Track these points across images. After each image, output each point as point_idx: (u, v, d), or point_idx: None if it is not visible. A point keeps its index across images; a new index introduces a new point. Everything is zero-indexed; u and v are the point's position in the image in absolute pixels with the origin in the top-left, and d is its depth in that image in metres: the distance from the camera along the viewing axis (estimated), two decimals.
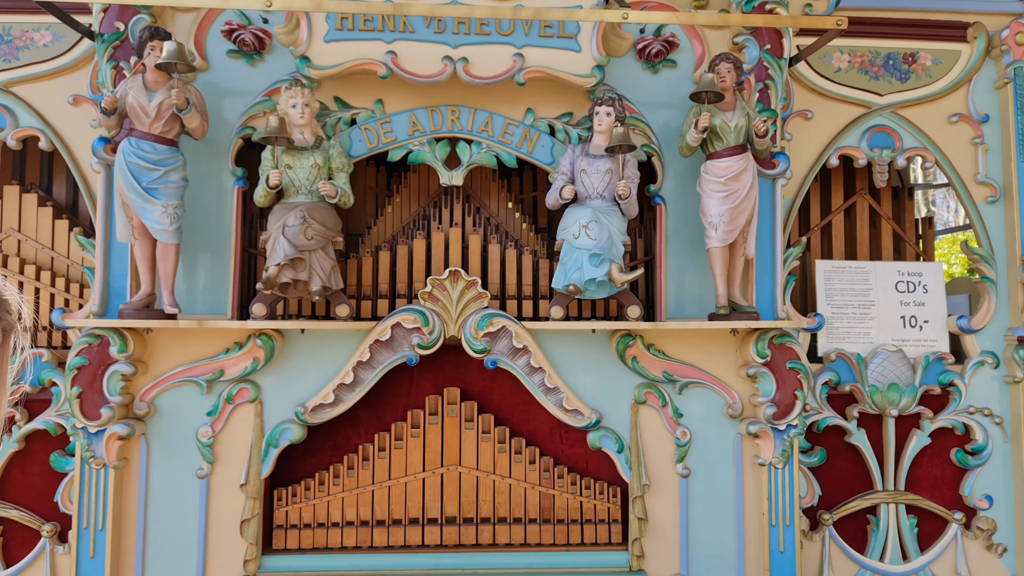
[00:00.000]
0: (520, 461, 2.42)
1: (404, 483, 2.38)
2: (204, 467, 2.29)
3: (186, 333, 2.30)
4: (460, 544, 2.38)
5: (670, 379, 2.42)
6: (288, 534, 2.34)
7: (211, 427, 2.30)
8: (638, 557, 2.37)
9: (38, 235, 2.56)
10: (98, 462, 2.22)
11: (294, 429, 2.32)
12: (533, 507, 2.41)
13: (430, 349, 2.35)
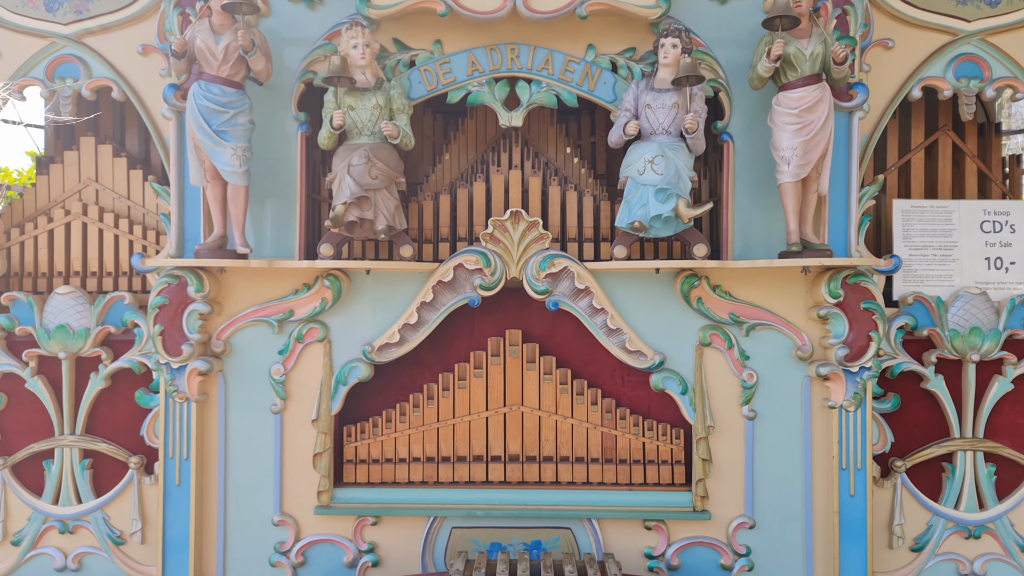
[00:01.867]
0: (582, 402, 2.46)
1: (468, 422, 2.46)
2: (277, 403, 2.42)
3: (257, 274, 2.41)
4: (523, 481, 2.46)
5: (736, 321, 2.41)
6: (358, 468, 2.46)
7: (283, 365, 2.42)
8: (702, 498, 2.40)
9: (114, 185, 2.70)
10: (181, 396, 2.37)
11: (362, 368, 2.42)
12: (595, 447, 2.46)
13: (492, 290, 2.40)
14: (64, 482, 2.56)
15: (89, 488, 2.56)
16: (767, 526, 2.41)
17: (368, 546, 2.43)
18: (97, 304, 2.53)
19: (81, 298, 2.53)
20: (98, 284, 2.62)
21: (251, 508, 2.42)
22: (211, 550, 2.42)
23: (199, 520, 2.40)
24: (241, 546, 2.42)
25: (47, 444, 2.56)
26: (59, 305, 2.52)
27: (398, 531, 2.44)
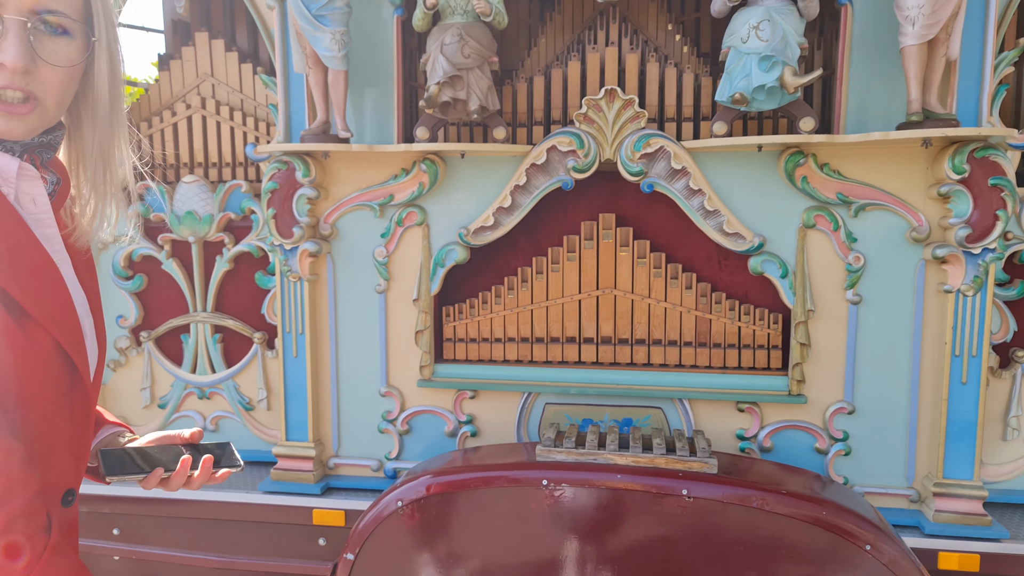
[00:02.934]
0: (676, 286, 2.48)
1: (561, 304, 2.54)
2: (381, 283, 2.59)
3: (358, 159, 2.54)
4: (615, 362, 2.53)
5: (845, 201, 2.31)
6: (456, 346, 2.62)
7: (385, 247, 2.58)
8: (798, 382, 2.39)
9: (228, 79, 2.88)
10: (294, 276, 2.59)
11: (458, 250, 2.54)
12: (689, 331, 2.48)
13: (585, 173, 2.42)
14: (199, 354, 2.89)
15: (221, 359, 2.88)
16: (867, 412, 2.37)
17: (467, 417, 2.61)
18: (218, 192, 2.77)
19: (204, 187, 2.77)
20: (218, 174, 2.85)
21: (361, 380, 2.65)
22: (327, 417, 2.68)
23: (315, 390, 2.65)
24: (353, 414, 2.67)
25: (183, 320, 2.88)
26: (186, 193, 2.78)
27: (494, 405, 2.60)
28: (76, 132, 1.01)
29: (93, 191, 1.02)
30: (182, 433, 1.21)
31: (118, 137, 1.01)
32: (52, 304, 0.95)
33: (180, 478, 1.12)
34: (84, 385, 1.00)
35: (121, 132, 1.02)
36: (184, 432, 1.20)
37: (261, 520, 2.60)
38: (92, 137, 0.99)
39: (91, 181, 1.02)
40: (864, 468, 2.40)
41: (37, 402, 0.92)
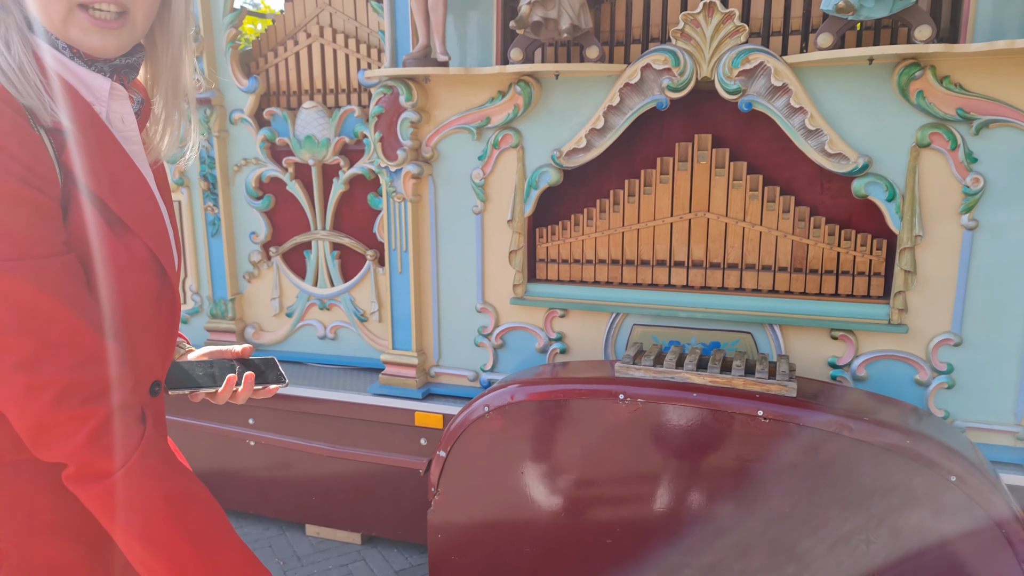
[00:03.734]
0: (773, 209, 2.44)
1: (652, 227, 2.58)
2: (478, 205, 2.75)
3: (457, 83, 2.67)
4: (705, 286, 2.56)
5: (965, 117, 2.16)
6: (548, 267, 2.74)
7: (482, 170, 2.72)
8: (900, 311, 2.31)
9: (344, 7, 3.08)
10: (399, 197, 2.80)
11: (551, 173, 2.63)
12: (784, 256, 2.45)
13: (680, 92, 2.41)
14: (320, 269, 3.21)
15: (338, 274, 3.19)
16: (976, 344, 2.26)
17: (557, 335, 2.75)
18: (334, 117, 3.02)
19: (322, 112, 3.03)
20: (335, 100, 3.10)
21: (459, 296, 2.85)
22: (428, 329, 2.92)
23: (418, 304, 2.89)
24: (452, 328, 2.89)
25: (305, 237, 3.21)
26: (306, 118, 3.05)
27: (583, 324, 2.72)
28: (151, 52, 1.08)
29: (164, 108, 1.10)
30: (233, 348, 1.26)
31: (187, 55, 1.09)
32: (145, 216, 1.03)
33: (225, 394, 1.19)
34: (172, 288, 1.09)
35: (189, 50, 1.09)
36: (235, 347, 1.26)
37: (370, 419, 2.92)
38: (166, 55, 1.06)
39: (163, 98, 1.09)
40: (968, 403, 2.30)
41: (133, 304, 1.01)
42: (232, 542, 0.98)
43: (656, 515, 2.27)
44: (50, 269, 0.87)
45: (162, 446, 0.97)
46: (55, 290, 0.87)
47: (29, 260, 0.85)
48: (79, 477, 0.91)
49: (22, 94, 0.89)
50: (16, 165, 0.86)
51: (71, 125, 0.93)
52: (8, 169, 0.85)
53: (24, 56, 0.90)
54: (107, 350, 0.92)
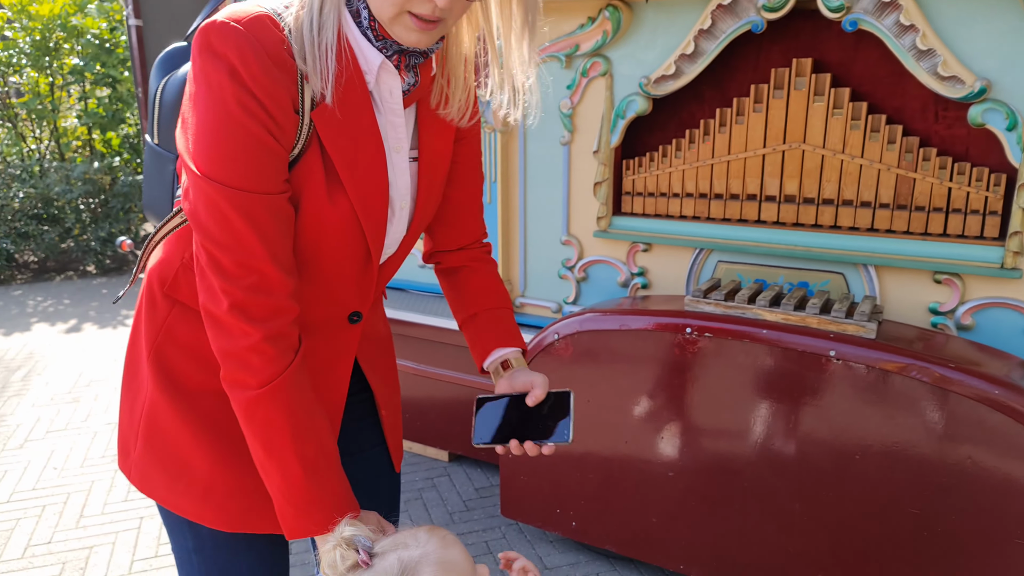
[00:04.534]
0: (876, 140, 2.28)
1: (743, 159, 2.50)
2: (565, 135, 2.78)
3: (548, 9, 2.64)
4: (797, 223, 2.45)
5: None
6: (633, 200, 2.74)
7: (570, 99, 2.74)
8: (1016, 254, 2.11)
9: None
10: (489, 127, 2.89)
11: (639, 101, 2.60)
12: (886, 191, 2.30)
13: (777, 12, 2.29)
14: None
15: None
16: None
17: (639, 269, 2.76)
18: None
19: None
20: None
21: (544, 228, 2.92)
22: (515, 260, 3.02)
23: (505, 234, 2.99)
24: (537, 259, 2.97)
25: None
26: None
27: (667, 259, 2.70)
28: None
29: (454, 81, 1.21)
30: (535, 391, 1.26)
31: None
32: (365, 184, 1.12)
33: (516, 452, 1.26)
34: (373, 266, 1.20)
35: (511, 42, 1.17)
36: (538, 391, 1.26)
37: (459, 344, 3.09)
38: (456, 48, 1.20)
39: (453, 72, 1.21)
40: None
41: (328, 253, 1.14)
42: (336, 475, 1.13)
43: (717, 452, 2.27)
44: (261, 204, 1.03)
45: (302, 379, 1.10)
46: (258, 224, 1.03)
47: (248, 193, 1.01)
48: (227, 381, 1.08)
49: (306, 63, 1.03)
50: (263, 114, 1.01)
51: (333, 92, 1.05)
52: (255, 114, 1.00)
53: (331, 34, 1.03)
54: (281, 284, 1.06)
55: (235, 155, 1.01)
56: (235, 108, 1.00)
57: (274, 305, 1.06)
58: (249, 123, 1.01)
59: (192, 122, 1.02)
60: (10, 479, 3.52)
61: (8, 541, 3.02)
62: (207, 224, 1.03)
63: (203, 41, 1.00)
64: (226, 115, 1.00)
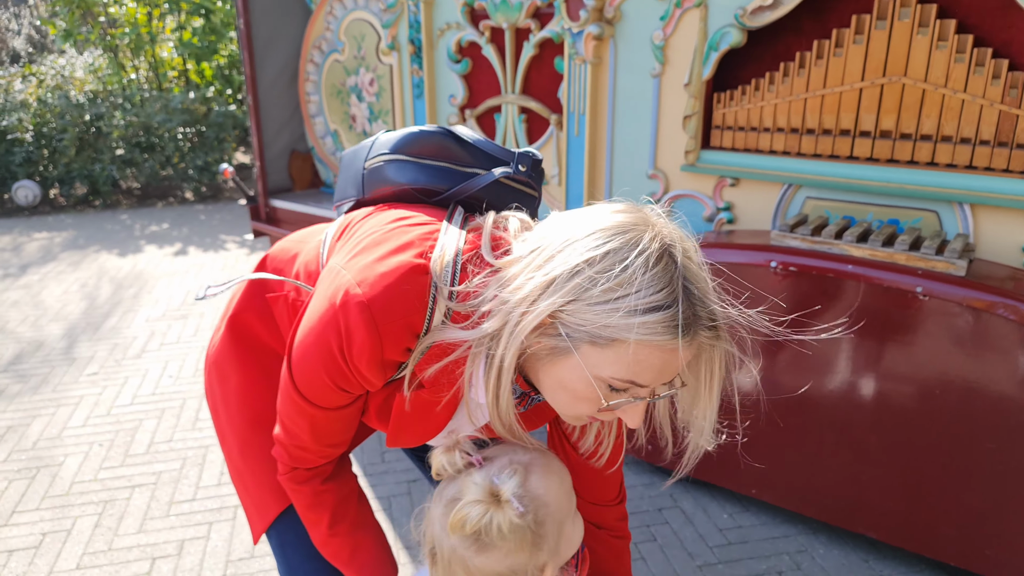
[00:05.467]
0: (980, 74, 2.26)
1: (839, 93, 2.51)
2: (656, 67, 2.84)
3: None
4: (892, 159, 2.47)
5: None
6: (724, 134, 2.79)
7: (663, 31, 2.79)
8: None
9: None
10: (580, 59, 2.97)
11: (733, 33, 2.63)
12: (988, 127, 2.29)
13: None
14: (508, 131, 3.52)
15: (524, 138, 3.48)
16: None
17: (725, 204, 2.83)
18: None
19: None
20: None
21: (631, 161, 3.01)
22: (600, 193, 3.14)
23: (591, 167, 3.10)
24: (623, 192, 3.08)
25: (496, 100, 3.51)
26: None
27: (753, 194, 2.76)
28: None
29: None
30: None
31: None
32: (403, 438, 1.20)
33: None
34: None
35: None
36: None
37: None
38: None
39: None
40: None
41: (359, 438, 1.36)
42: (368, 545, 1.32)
43: (794, 384, 2.38)
44: (329, 417, 1.13)
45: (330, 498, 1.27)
46: (322, 428, 1.14)
47: (322, 409, 1.11)
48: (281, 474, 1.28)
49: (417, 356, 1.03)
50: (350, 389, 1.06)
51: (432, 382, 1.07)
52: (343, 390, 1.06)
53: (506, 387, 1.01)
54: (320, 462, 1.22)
55: (311, 385, 1.08)
56: (325, 375, 1.05)
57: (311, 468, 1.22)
58: (331, 386, 1.06)
59: (303, 328, 1.08)
60: (131, 385, 3.96)
61: (133, 439, 3.44)
62: (281, 388, 1.15)
63: (344, 305, 0.99)
64: (315, 366, 1.05)
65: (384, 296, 0.98)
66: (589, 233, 0.94)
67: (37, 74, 8.45)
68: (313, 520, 1.27)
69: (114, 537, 2.76)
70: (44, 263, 6.09)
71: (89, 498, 3.00)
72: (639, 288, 0.89)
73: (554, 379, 0.98)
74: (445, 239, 1.05)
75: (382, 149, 1.29)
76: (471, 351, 1.00)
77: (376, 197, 1.29)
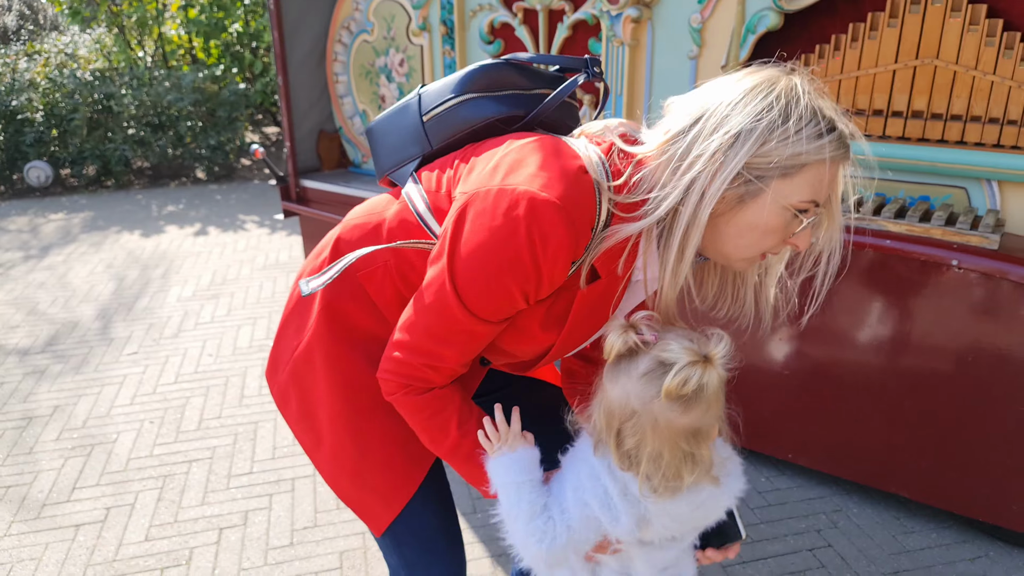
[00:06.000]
0: (1010, 57, 2.39)
1: (873, 75, 2.65)
2: (693, 50, 2.96)
3: None
4: (923, 138, 2.61)
5: None
6: None
7: (700, 14, 2.90)
8: None
9: None
10: (617, 41, 3.09)
11: (771, 16, 2.75)
12: (1016, 108, 2.42)
13: None
14: None
15: None
16: None
17: None
18: None
19: None
20: None
21: None
22: None
23: None
24: None
25: None
26: None
27: None
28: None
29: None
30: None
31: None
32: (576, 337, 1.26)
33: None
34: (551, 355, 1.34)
35: None
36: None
37: None
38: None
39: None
40: None
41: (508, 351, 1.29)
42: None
43: (833, 354, 2.54)
44: (490, 332, 1.19)
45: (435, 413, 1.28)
46: (477, 344, 1.20)
47: (488, 324, 1.16)
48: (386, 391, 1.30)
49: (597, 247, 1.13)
50: (532, 293, 1.13)
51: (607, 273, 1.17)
52: (526, 294, 1.12)
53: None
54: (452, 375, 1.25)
55: (487, 299, 1.13)
56: (512, 285, 1.10)
57: (434, 386, 1.25)
58: (516, 295, 1.12)
59: (469, 247, 1.11)
60: (173, 364, 4.12)
61: (183, 416, 3.60)
62: (429, 310, 1.16)
63: (533, 210, 1.06)
64: (500, 277, 1.10)
65: (570, 194, 1.07)
66: (746, 91, 1.08)
67: (41, 51, 8.48)
68: (440, 426, 1.27)
69: (178, 510, 2.93)
70: (65, 244, 6.21)
71: (148, 473, 3.17)
72: (811, 117, 1.07)
73: (741, 224, 1.11)
74: (577, 145, 1.16)
75: (444, 95, 1.33)
76: (643, 234, 1.12)
77: (452, 143, 1.34)
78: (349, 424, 1.38)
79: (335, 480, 1.44)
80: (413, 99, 1.38)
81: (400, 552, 1.45)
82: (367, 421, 1.38)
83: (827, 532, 2.66)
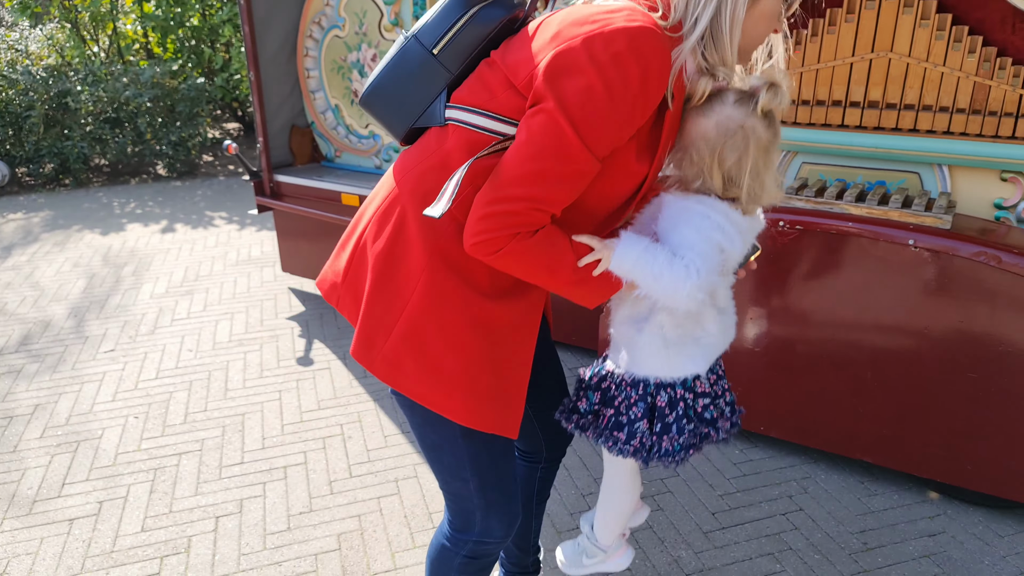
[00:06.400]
0: (958, 50, 2.60)
1: (831, 67, 2.83)
2: None
3: None
4: (879, 127, 2.81)
5: None
6: None
7: None
8: None
9: None
10: None
11: None
12: (963, 97, 2.63)
13: None
14: None
15: None
16: None
17: None
18: None
19: None
20: None
21: None
22: None
23: None
24: None
25: None
26: None
27: None
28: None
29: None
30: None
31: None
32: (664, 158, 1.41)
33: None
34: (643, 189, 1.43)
35: None
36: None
37: None
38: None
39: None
40: None
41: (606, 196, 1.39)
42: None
43: (801, 330, 2.73)
44: (595, 169, 1.27)
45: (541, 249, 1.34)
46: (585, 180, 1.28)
47: (597, 161, 1.25)
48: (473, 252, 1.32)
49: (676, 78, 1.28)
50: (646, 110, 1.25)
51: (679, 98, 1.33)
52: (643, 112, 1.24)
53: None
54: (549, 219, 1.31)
55: (603, 132, 1.22)
56: (626, 112, 1.22)
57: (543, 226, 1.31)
58: (633, 121, 1.24)
59: (578, 87, 1.19)
60: (152, 360, 4.15)
61: (167, 410, 3.65)
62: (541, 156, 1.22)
63: (632, 41, 1.18)
64: (615, 108, 1.21)
65: (649, 21, 1.23)
66: None
67: None
68: (560, 253, 1.33)
69: (172, 500, 3.00)
70: (27, 244, 6.13)
71: (138, 467, 3.22)
72: None
73: (756, 15, 1.30)
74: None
75: (450, 20, 1.37)
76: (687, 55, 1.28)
77: (472, 60, 1.39)
78: (483, 356, 1.42)
79: (466, 407, 1.44)
80: (408, 45, 1.40)
81: (480, 460, 1.53)
82: (500, 347, 1.43)
83: (798, 497, 2.86)
